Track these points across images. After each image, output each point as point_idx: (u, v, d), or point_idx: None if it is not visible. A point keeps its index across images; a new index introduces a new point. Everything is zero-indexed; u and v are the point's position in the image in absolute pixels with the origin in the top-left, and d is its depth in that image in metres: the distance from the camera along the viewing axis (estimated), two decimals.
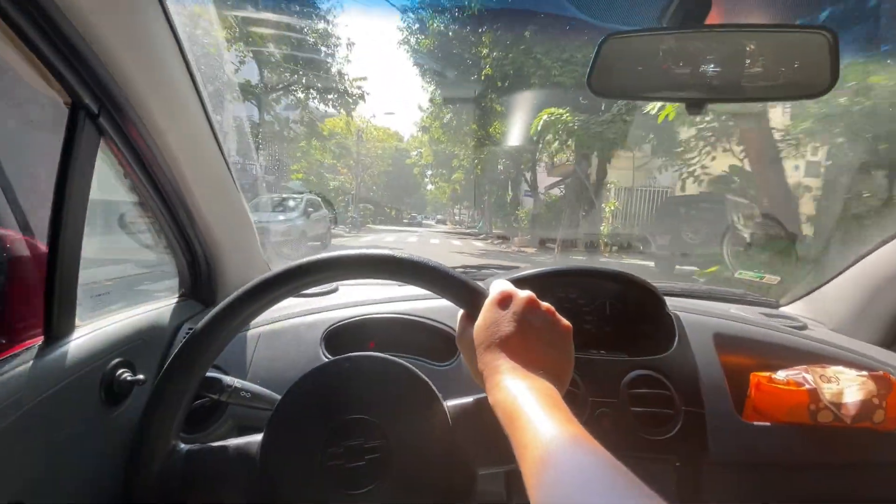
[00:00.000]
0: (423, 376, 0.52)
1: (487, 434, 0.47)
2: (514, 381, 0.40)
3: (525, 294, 0.47)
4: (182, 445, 0.50)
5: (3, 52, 0.50)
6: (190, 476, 0.48)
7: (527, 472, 0.32)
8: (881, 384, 0.79)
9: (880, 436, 0.80)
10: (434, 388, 0.51)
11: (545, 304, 0.48)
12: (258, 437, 0.50)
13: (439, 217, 44.89)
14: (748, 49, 0.52)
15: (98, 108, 0.57)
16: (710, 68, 0.51)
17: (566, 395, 0.41)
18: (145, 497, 0.47)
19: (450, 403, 0.51)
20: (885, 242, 1.12)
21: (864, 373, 0.81)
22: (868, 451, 0.80)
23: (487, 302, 0.47)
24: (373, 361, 0.53)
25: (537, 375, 0.41)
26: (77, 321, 0.65)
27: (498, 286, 0.49)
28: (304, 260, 0.51)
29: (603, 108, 9.89)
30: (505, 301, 0.47)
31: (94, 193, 0.62)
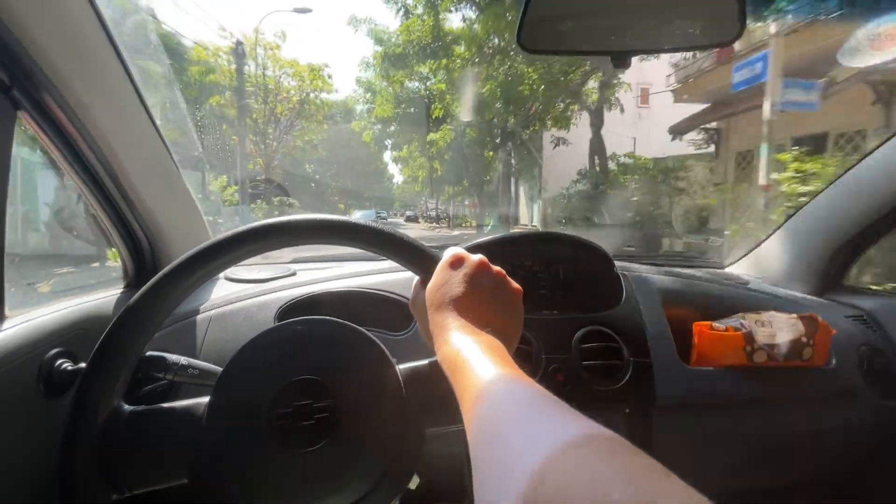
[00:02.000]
0: (374, 338, 0.52)
1: (438, 395, 0.48)
2: (460, 336, 0.41)
3: (476, 257, 0.48)
4: (126, 406, 0.49)
5: None
6: (133, 437, 0.47)
7: (465, 411, 0.33)
8: (809, 324, 0.86)
9: (810, 371, 0.87)
10: (385, 350, 0.52)
11: (496, 268, 0.49)
12: (205, 399, 0.49)
13: (409, 213, 34.89)
14: (667, 2, 0.54)
15: (10, 80, 0.54)
16: (632, 21, 0.54)
17: (521, 353, 0.43)
18: (85, 458, 0.46)
19: (402, 366, 0.52)
20: (812, 197, 1.20)
21: (794, 315, 0.87)
22: (800, 386, 0.87)
23: (440, 264, 0.48)
24: (324, 324, 0.53)
25: (484, 332, 0.42)
26: (8, 312, 0.62)
27: (451, 251, 0.50)
28: (255, 224, 0.50)
29: None
30: (456, 263, 0.48)
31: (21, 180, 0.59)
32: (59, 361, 0.63)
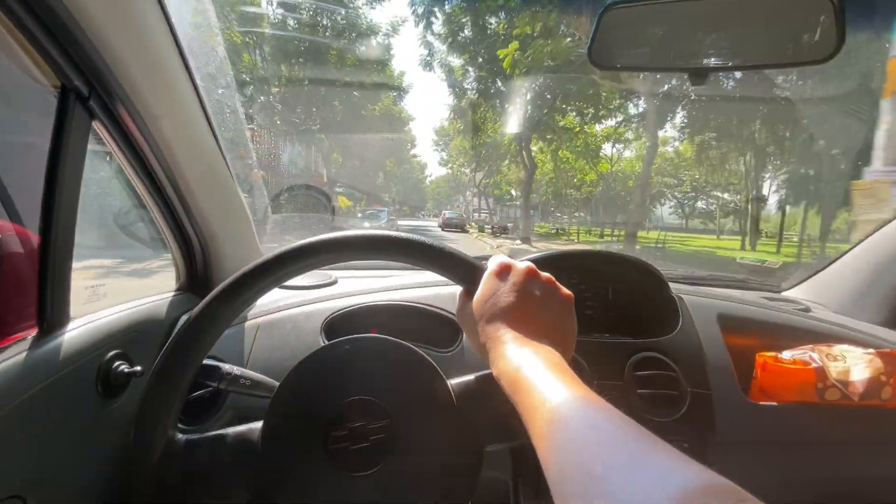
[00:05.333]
0: (425, 355, 0.51)
1: (493, 410, 0.46)
2: (517, 350, 0.39)
3: (524, 264, 0.47)
4: (180, 436, 0.49)
5: None
6: (189, 467, 0.47)
7: (536, 435, 0.32)
8: (888, 361, 0.79)
9: (889, 412, 0.80)
10: (437, 367, 0.50)
11: (545, 274, 0.47)
12: (258, 425, 0.49)
13: (449, 215, 26.42)
14: (751, 15, 0.51)
15: (88, 91, 0.56)
16: (713, 36, 0.51)
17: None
18: (144, 490, 0.46)
19: (453, 382, 0.50)
20: (885, 223, 1.11)
21: (871, 350, 0.80)
22: (877, 427, 0.79)
23: (486, 274, 0.47)
24: (373, 342, 0.52)
25: (540, 343, 0.40)
26: (72, 313, 0.63)
27: (496, 259, 0.48)
28: (303, 242, 0.50)
29: None
30: (503, 272, 0.46)
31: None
32: (117, 363, 0.65)
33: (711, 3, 0.50)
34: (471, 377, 0.50)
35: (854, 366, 0.79)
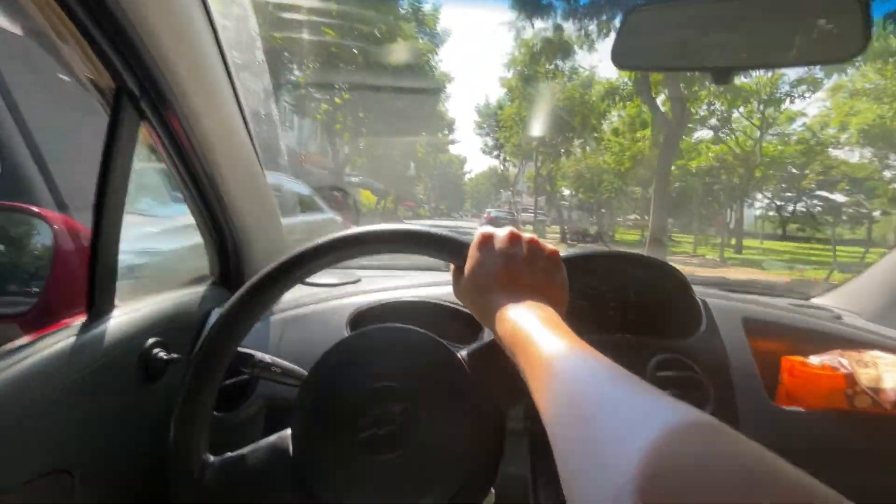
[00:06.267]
0: (432, 335, 0.53)
1: (505, 373, 0.47)
2: (511, 310, 0.41)
3: (505, 230, 0.48)
4: (211, 458, 0.49)
5: (53, 36, 0.53)
6: (226, 488, 0.48)
7: (535, 388, 0.33)
8: None
9: None
10: (444, 343, 0.52)
11: (527, 235, 0.48)
12: (287, 432, 0.50)
13: (495, 213, 22.16)
14: (774, 12, 0.51)
15: (140, 92, 0.60)
16: (736, 35, 0.51)
17: None
18: None
19: (463, 353, 0.52)
20: None
21: None
22: None
23: (471, 247, 0.48)
24: (395, 331, 0.54)
25: (532, 301, 0.42)
26: (117, 302, 0.68)
27: (478, 230, 0.50)
28: (313, 244, 0.52)
29: None
30: (486, 242, 0.47)
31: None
32: (156, 350, 0.68)
33: (735, 2, 0.51)
34: (479, 344, 0.52)
35: (886, 373, 0.77)
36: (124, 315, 0.67)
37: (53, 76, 0.70)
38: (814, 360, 0.80)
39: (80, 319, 0.63)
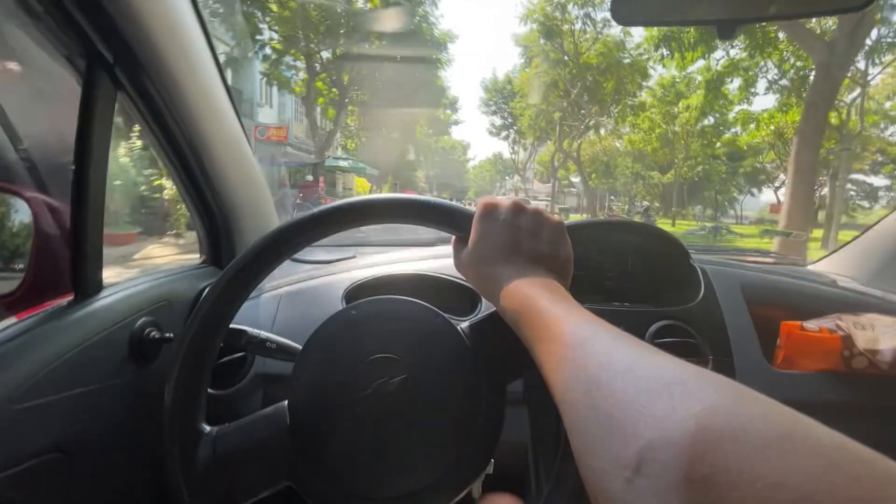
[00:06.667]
0: (431, 306, 0.52)
1: (506, 346, 0.47)
2: (517, 283, 0.40)
3: (508, 200, 0.47)
4: (209, 428, 0.48)
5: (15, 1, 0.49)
6: (225, 458, 0.47)
7: (544, 360, 0.33)
8: None
9: None
10: (444, 314, 0.51)
11: (532, 205, 0.47)
12: (284, 403, 0.49)
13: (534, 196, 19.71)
14: None
15: (114, 59, 0.57)
16: None
17: None
18: (184, 487, 0.45)
19: (463, 325, 0.51)
20: None
21: None
22: None
23: (475, 218, 0.47)
24: (392, 302, 0.53)
25: (537, 274, 0.41)
26: (104, 282, 0.66)
27: (481, 201, 0.48)
28: (306, 214, 0.50)
29: None
30: (490, 212, 0.46)
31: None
32: (148, 329, 0.67)
33: None
34: (479, 317, 0.51)
35: (883, 334, 0.77)
36: (113, 295, 0.65)
37: (20, 45, 0.66)
38: (811, 323, 0.80)
39: (67, 299, 0.61)
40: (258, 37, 12.48)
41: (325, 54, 13.99)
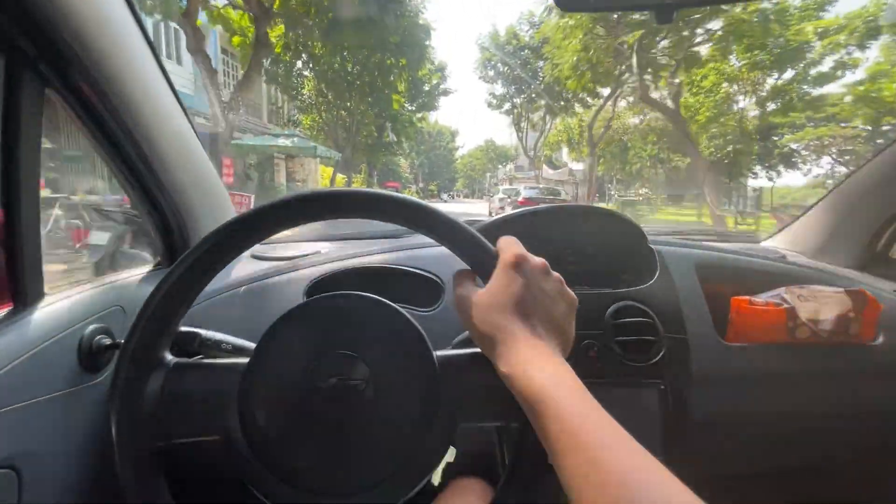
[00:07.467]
0: (415, 323, 0.51)
1: (474, 389, 0.47)
2: (536, 361, 0.40)
3: (538, 260, 0.47)
4: (169, 357, 0.49)
5: None
6: (176, 387, 0.48)
7: (571, 473, 0.34)
8: (857, 299, 0.82)
9: (855, 348, 0.83)
10: (425, 334, 0.50)
11: (555, 273, 0.47)
12: (244, 360, 0.49)
13: (527, 192, 14.58)
14: None
15: (37, 52, 0.53)
16: None
17: None
18: (131, 403, 0.45)
19: (439, 353, 0.50)
20: (854, 172, 1.14)
21: (841, 289, 0.83)
22: (844, 362, 0.83)
23: (503, 263, 0.46)
24: (360, 300, 0.52)
25: (549, 345, 0.42)
26: (46, 289, 0.63)
27: (510, 247, 0.47)
28: (305, 191, 0.49)
29: None
30: (519, 263, 0.45)
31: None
32: (98, 337, 0.64)
33: None
34: (459, 353, 0.50)
35: (824, 305, 0.82)
36: (57, 302, 0.62)
37: None
38: (759, 298, 0.84)
39: (5, 309, 0.58)
40: None
41: None
